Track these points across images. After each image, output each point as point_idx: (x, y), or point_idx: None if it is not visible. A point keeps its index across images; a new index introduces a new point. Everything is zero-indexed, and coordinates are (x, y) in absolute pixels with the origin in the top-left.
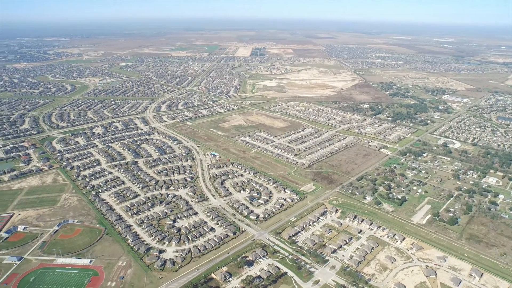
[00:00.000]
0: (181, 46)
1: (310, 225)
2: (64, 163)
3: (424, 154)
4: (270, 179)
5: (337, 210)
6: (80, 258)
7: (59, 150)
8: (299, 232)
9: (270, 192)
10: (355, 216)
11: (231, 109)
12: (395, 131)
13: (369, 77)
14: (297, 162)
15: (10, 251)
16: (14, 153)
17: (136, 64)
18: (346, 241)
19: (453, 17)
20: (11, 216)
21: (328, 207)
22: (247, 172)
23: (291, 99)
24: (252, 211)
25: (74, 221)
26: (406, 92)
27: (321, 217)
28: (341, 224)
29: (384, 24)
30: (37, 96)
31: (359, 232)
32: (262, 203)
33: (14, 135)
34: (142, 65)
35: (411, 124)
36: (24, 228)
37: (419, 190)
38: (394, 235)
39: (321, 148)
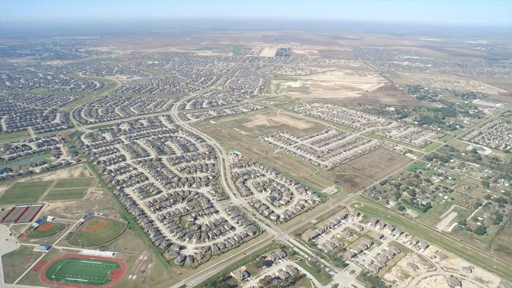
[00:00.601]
0: (207, 46)
1: (330, 228)
2: (91, 158)
3: (451, 160)
4: (292, 180)
5: (358, 214)
6: (104, 251)
7: (87, 145)
8: (319, 234)
9: (292, 193)
10: (377, 221)
11: (254, 109)
12: (422, 136)
13: (395, 80)
14: (319, 164)
15: (40, 240)
16: (45, 147)
17: (162, 63)
18: (367, 245)
19: (488, 18)
20: (41, 207)
21: (349, 210)
22: (269, 172)
23: (315, 100)
24: (272, 212)
25: (99, 214)
26: (434, 96)
27: (342, 220)
28: (363, 228)
29: (413, 26)
30: (68, 92)
31: (380, 237)
32: (283, 204)
33: (46, 129)
34: (168, 64)
35: (439, 129)
36: (53, 218)
37: (445, 197)
38: (418, 242)
39: (345, 151)
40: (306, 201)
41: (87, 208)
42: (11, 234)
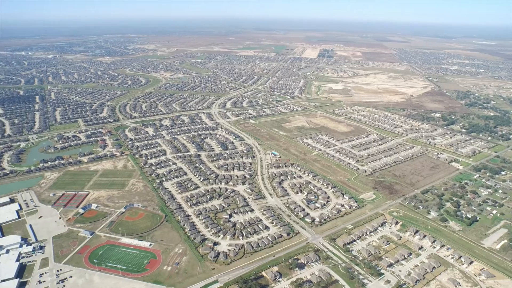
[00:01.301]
0: (249, 45)
1: (367, 234)
2: (134, 151)
3: (502, 172)
4: (329, 184)
5: (397, 223)
6: (142, 241)
7: (130, 138)
8: (354, 240)
9: (328, 197)
10: (417, 231)
11: (294, 110)
12: (469, 144)
13: (443, 85)
14: (358, 169)
15: (84, 226)
16: (93, 138)
17: (205, 61)
18: (404, 256)
19: None
20: (87, 195)
21: (387, 218)
22: (306, 174)
23: (356, 104)
24: (308, 214)
25: (138, 205)
26: (486, 103)
27: (379, 228)
28: (400, 237)
29: (465, 28)
30: (116, 88)
31: (419, 249)
32: (318, 207)
33: (94, 121)
34: (211, 62)
35: (489, 138)
36: (97, 206)
37: (494, 211)
38: (460, 257)
39: (385, 156)
40: (342, 205)
41: (128, 198)
42: (60, 218)
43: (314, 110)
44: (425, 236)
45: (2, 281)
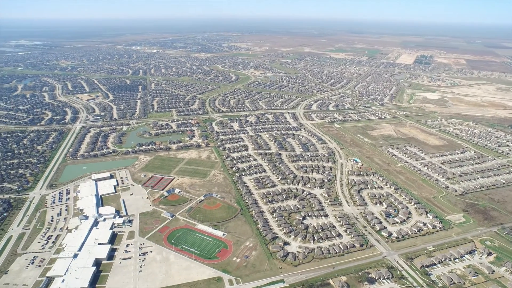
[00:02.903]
0: (341, 48)
1: (450, 260)
2: (218, 143)
3: None
4: (411, 199)
5: (490, 253)
6: (216, 229)
7: (216, 131)
8: (435, 264)
9: (409, 212)
10: None
11: (382, 117)
12: None
13: None
14: (447, 187)
15: (167, 208)
16: (183, 128)
17: (295, 62)
18: None
19: None
20: (172, 180)
21: (478, 246)
22: (388, 186)
23: (453, 116)
24: (385, 228)
25: (217, 195)
26: None
27: (466, 256)
28: (493, 271)
29: None
30: (208, 82)
31: None
32: (397, 222)
33: (186, 112)
34: (301, 63)
35: None
36: (179, 191)
37: None
38: None
39: (482, 177)
40: (425, 224)
41: (208, 188)
42: (147, 198)
43: (404, 120)
44: None
45: (99, 244)
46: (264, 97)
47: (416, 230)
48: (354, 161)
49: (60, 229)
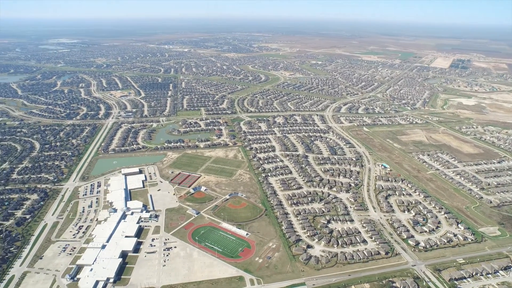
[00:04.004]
0: (373, 50)
1: (482, 275)
2: (246, 143)
3: None
4: (442, 208)
5: None
6: (240, 229)
7: (244, 131)
8: (465, 278)
9: (439, 222)
10: None
11: (414, 122)
12: None
13: None
14: (481, 198)
15: (192, 205)
16: (211, 126)
17: (325, 63)
18: None
19: None
20: (199, 177)
21: None
22: (417, 193)
23: (490, 123)
24: (412, 236)
25: (242, 195)
26: None
27: (500, 271)
28: None
29: None
30: (237, 82)
31: None
32: (426, 231)
33: (214, 111)
34: (331, 65)
35: None
36: (205, 189)
37: None
38: None
39: None
40: (455, 235)
41: (233, 187)
42: (174, 194)
43: (437, 125)
44: None
45: (126, 236)
46: (293, 99)
47: (446, 241)
48: (383, 166)
49: (91, 220)
